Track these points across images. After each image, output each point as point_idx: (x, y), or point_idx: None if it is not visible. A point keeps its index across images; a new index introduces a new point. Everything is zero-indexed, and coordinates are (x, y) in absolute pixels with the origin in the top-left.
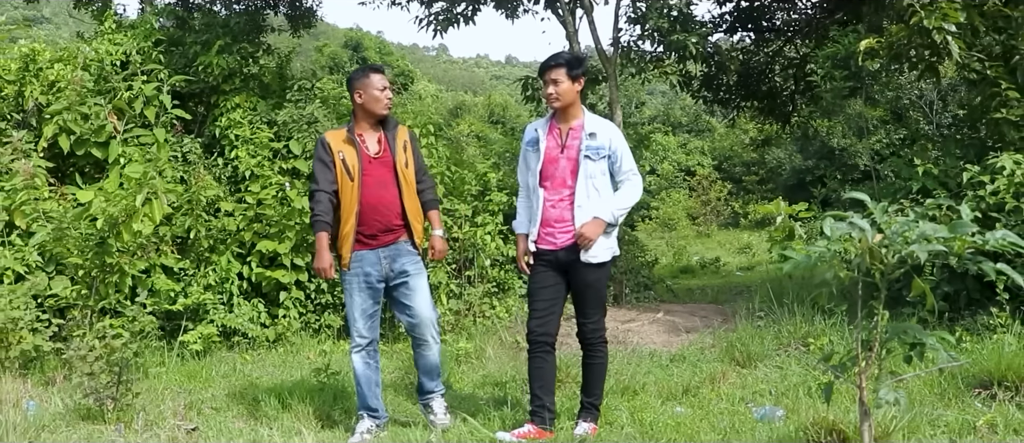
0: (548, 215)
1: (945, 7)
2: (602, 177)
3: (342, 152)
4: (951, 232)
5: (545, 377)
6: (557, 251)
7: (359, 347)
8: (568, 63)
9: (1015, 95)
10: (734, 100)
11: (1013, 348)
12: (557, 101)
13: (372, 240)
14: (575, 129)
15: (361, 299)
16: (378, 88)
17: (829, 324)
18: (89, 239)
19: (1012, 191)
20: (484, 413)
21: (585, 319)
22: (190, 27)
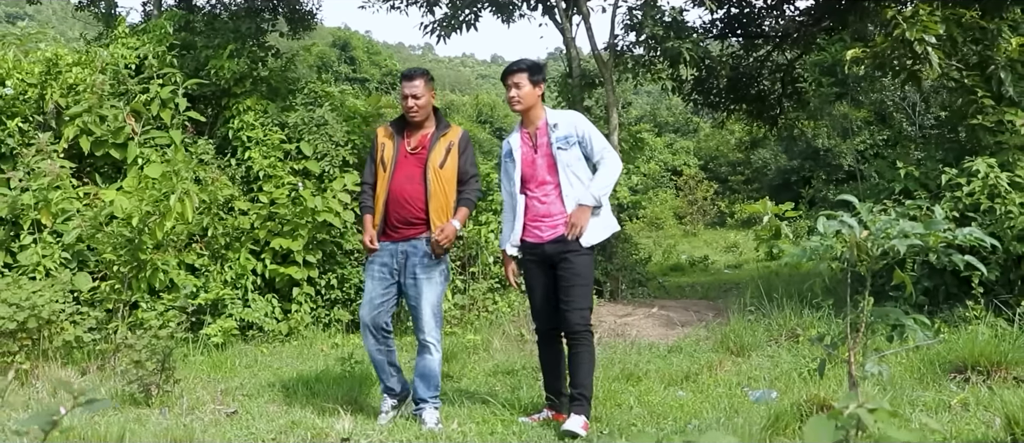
0: (535, 211)
1: (926, 20)
2: (578, 163)
3: (384, 145)
4: (927, 229)
5: (555, 365)
6: (543, 244)
7: (367, 333)
8: (529, 68)
9: (990, 102)
10: (724, 103)
11: (986, 337)
12: (519, 103)
13: (394, 232)
14: (541, 128)
15: (373, 286)
16: (402, 94)
17: (817, 317)
18: (124, 236)
19: (986, 192)
20: (499, 398)
21: (569, 308)
22: (200, 31)
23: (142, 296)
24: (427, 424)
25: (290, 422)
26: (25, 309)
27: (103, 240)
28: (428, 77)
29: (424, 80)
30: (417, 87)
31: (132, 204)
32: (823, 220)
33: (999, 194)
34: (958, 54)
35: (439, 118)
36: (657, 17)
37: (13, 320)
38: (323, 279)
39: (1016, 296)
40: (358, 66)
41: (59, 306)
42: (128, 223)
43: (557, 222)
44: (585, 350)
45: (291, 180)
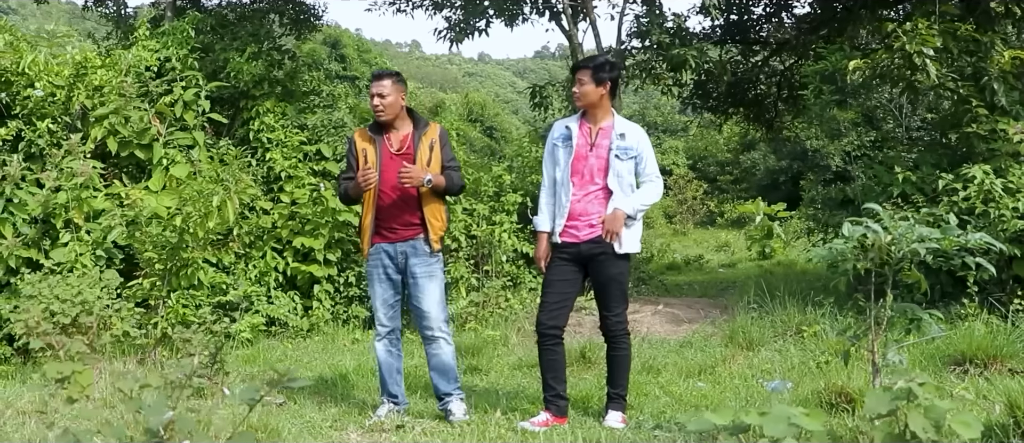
0: (573, 209)
1: (924, 33)
2: (629, 176)
3: (365, 148)
4: (943, 234)
5: (557, 367)
6: (579, 244)
7: (380, 335)
8: (594, 67)
9: (984, 112)
10: (722, 106)
11: (981, 333)
12: (579, 100)
13: (391, 233)
14: (605, 129)
15: (381, 289)
16: (370, 93)
17: (820, 314)
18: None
19: (981, 197)
20: (525, 395)
21: (608, 312)
22: (219, 34)
23: (182, 293)
24: (456, 416)
25: (341, 411)
26: (77, 304)
27: (143, 239)
28: (396, 77)
29: (392, 80)
30: (385, 86)
31: (175, 204)
32: (848, 225)
33: (993, 199)
34: (953, 65)
35: (416, 118)
36: (663, 25)
37: (67, 315)
38: (342, 276)
39: (1008, 295)
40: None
41: (106, 302)
42: (172, 222)
43: (594, 221)
44: (624, 352)
45: (312, 181)
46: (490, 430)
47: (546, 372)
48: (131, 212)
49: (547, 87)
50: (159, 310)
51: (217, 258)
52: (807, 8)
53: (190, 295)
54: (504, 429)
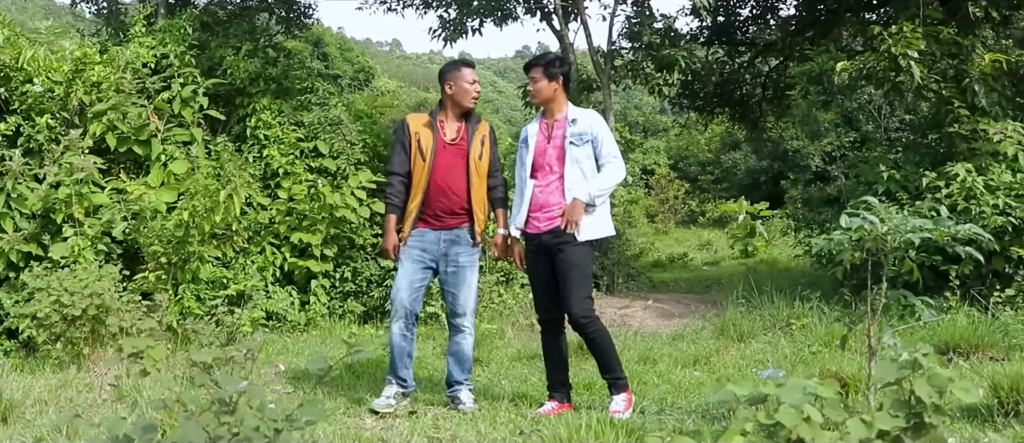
0: (535, 201)
1: (909, 36)
2: (588, 161)
3: (419, 134)
4: (935, 225)
5: (557, 355)
6: (540, 235)
7: (398, 316)
8: (545, 64)
9: (965, 112)
10: (709, 107)
11: (963, 324)
12: (534, 97)
13: (436, 221)
14: (560, 121)
15: (412, 269)
16: (468, 81)
17: (807, 308)
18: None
19: (963, 194)
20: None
21: (570, 300)
22: (215, 31)
23: (188, 286)
24: (465, 404)
25: (354, 400)
26: (87, 297)
27: (148, 233)
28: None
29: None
30: (475, 77)
31: (183, 200)
32: (845, 217)
33: (974, 196)
34: (936, 67)
35: (470, 111)
36: (652, 26)
37: (78, 307)
38: (338, 272)
39: (988, 288)
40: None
41: (115, 294)
42: (179, 216)
43: (553, 213)
44: (598, 338)
45: (309, 178)
46: (500, 416)
47: (547, 361)
48: (134, 207)
49: None
50: (164, 303)
51: (222, 252)
52: (792, 10)
53: (193, 289)
54: (514, 415)
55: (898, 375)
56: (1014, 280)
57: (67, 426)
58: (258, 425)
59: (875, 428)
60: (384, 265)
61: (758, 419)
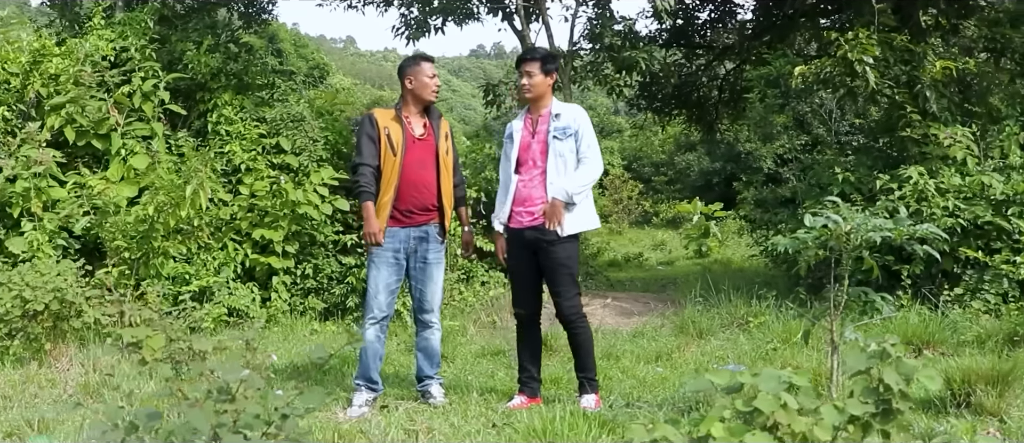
0: (518, 195)
1: (865, 42)
2: (570, 155)
3: (388, 129)
4: (896, 225)
5: (532, 350)
6: (523, 230)
7: (375, 319)
8: (543, 58)
9: (917, 117)
10: (667, 108)
11: (915, 321)
12: (529, 92)
13: (406, 218)
14: (544, 115)
15: (387, 273)
16: (428, 75)
17: (764, 306)
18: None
19: (916, 196)
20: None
21: (559, 297)
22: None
23: (151, 282)
24: (436, 398)
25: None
26: (49, 292)
27: (111, 228)
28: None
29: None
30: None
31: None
32: (809, 216)
33: (926, 198)
34: (889, 73)
35: (432, 105)
36: (613, 28)
37: (41, 302)
38: (299, 268)
39: (937, 288)
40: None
41: (79, 289)
42: (144, 211)
43: (535, 208)
44: (582, 335)
45: (271, 174)
46: (471, 410)
47: (521, 354)
48: (97, 201)
49: (499, 85)
50: (127, 298)
51: (187, 247)
52: (749, 15)
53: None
54: (485, 409)
55: (868, 363)
56: (962, 279)
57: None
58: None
59: (847, 413)
60: (344, 262)
61: (735, 407)
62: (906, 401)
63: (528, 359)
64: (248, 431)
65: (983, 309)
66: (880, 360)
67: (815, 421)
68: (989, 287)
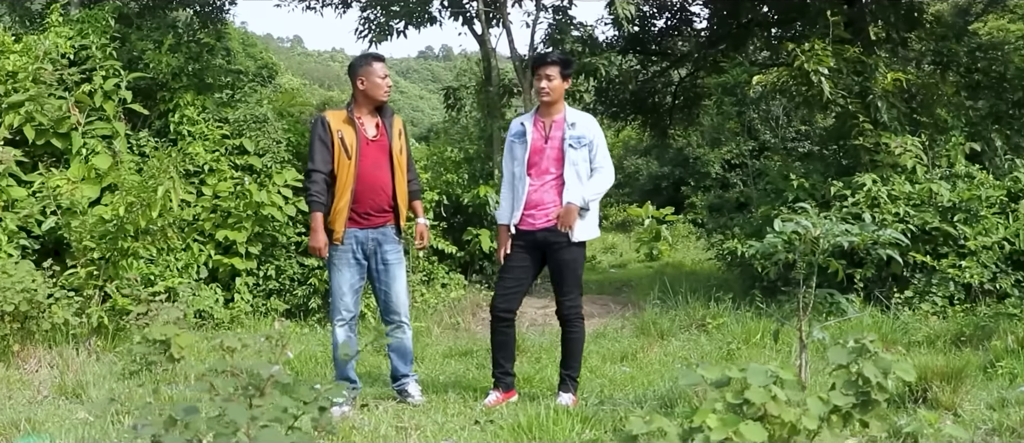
0: (530, 199)
1: (820, 53)
2: (584, 164)
3: (341, 131)
4: (861, 230)
5: (507, 347)
6: (535, 232)
7: (343, 321)
8: (562, 63)
9: (869, 127)
10: (623, 113)
11: (869, 323)
12: (548, 95)
13: (364, 219)
14: (558, 122)
15: (350, 274)
16: (379, 76)
17: (722, 308)
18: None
19: (868, 203)
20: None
21: (563, 296)
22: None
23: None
24: (414, 397)
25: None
26: (19, 293)
27: (79, 228)
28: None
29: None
30: (387, 69)
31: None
32: (779, 221)
33: (878, 205)
34: (842, 83)
35: (385, 104)
36: (573, 34)
37: (10, 303)
38: (261, 270)
39: (888, 291)
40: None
41: (48, 290)
42: (115, 212)
43: (549, 210)
44: (578, 335)
45: (235, 175)
46: (450, 407)
47: (497, 351)
48: (64, 201)
49: (460, 89)
50: (94, 299)
51: (156, 248)
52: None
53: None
54: (463, 406)
55: (849, 358)
56: (911, 283)
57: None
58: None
59: (831, 404)
60: (307, 264)
61: (726, 399)
62: (883, 393)
63: (503, 356)
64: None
65: (931, 311)
66: (859, 355)
67: (803, 411)
68: (937, 290)
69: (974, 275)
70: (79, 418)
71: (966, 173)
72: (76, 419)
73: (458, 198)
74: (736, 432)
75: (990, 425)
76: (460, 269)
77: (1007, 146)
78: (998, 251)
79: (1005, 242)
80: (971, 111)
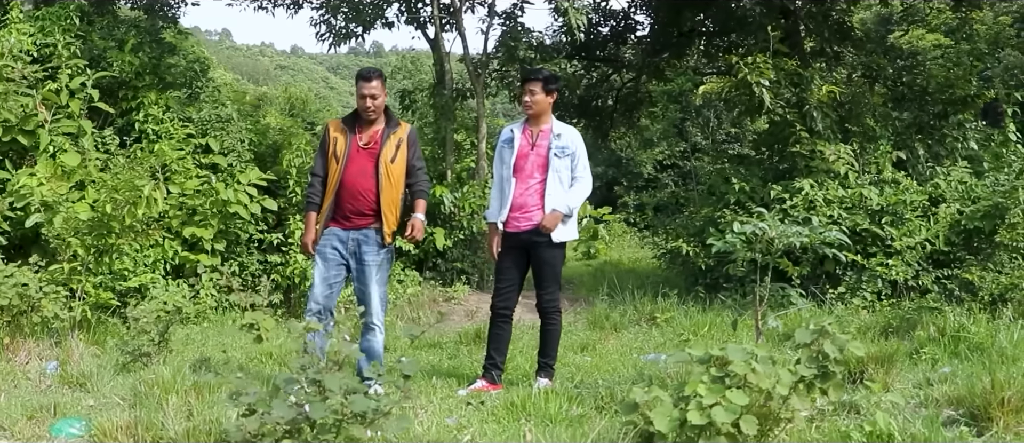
0: (516, 202)
1: (762, 66)
2: (566, 172)
3: (337, 139)
4: (811, 232)
5: (502, 342)
6: (520, 234)
7: (311, 311)
8: (545, 79)
9: (805, 135)
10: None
11: (805, 318)
12: (531, 108)
13: (345, 221)
14: (544, 132)
15: (325, 267)
16: (360, 94)
17: (669, 303)
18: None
19: (805, 205)
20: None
21: (542, 291)
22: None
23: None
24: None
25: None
26: (11, 288)
27: (63, 225)
28: (383, 77)
29: (380, 81)
30: (375, 88)
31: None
32: (737, 223)
33: (814, 207)
34: (781, 94)
35: (389, 116)
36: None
37: (5, 297)
38: (226, 266)
39: (822, 287)
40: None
41: (39, 285)
42: (103, 209)
43: (532, 214)
44: (555, 327)
45: (200, 173)
46: (438, 392)
47: (492, 344)
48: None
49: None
50: (77, 294)
51: (141, 244)
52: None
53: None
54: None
55: (811, 338)
56: (843, 280)
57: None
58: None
59: (798, 375)
60: (269, 260)
61: (711, 373)
62: (839, 366)
63: (496, 349)
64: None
65: (862, 305)
66: (820, 335)
67: (776, 380)
68: (866, 286)
69: (900, 272)
70: (89, 405)
71: (892, 179)
72: (86, 406)
73: None
74: (724, 397)
75: (918, 400)
76: (415, 266)
77: (928, 155)
78: (920, 251)
79: (927, 242)
80: (897, 121)
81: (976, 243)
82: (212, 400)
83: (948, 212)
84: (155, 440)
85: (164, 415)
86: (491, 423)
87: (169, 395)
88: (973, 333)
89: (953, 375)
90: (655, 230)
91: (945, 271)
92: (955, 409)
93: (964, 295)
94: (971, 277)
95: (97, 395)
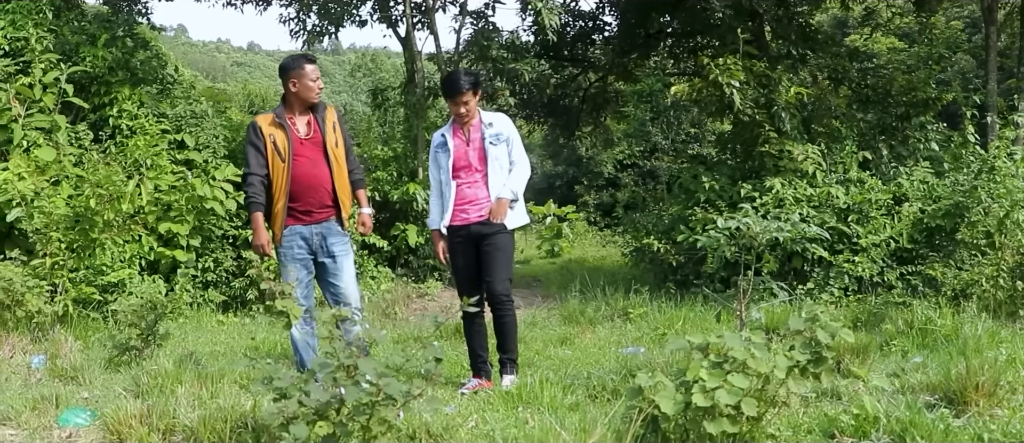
0: (462, 196)
1: (733, 68)
2: (504, 158)
3: (272, 135)
4: (792, 227)
5: (480, 336)
6: (470, 225)
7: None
8: (473, 85)
9: (774, 136)
10: (537, 115)
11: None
12: (467, 118)
13: (306, 216)
14: (475, 125)
15: (295, 270)
16: (311, 78)
17: (640, 299)
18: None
19: (774, 204)
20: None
21: (492, 280)
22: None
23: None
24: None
25: None
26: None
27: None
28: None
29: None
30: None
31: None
32: (722, 219)
33: (783, 205)
34: (750, 95)
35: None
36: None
37: None
38: (200, 262)
39: (790, 282)
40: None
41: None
42: (86, 203)
43: (482, 205)
44: (509, 318)
45: (176, 169)
46: None
47: (473, 341)
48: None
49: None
50: (59, 289)
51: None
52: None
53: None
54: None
55: (804, 325)
56: (811, 276)
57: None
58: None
59: (793, 360)
60: (244, 256)
61: (710, 359)
62: (831, 352)
63: (478, 345)
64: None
65: (830, 301)
66: (812, 323)
67: (773, 365)
68: (834, 282)
69: (866, 269)
70: (84, 398)
71: (858, 179)
72: (82, 398)
73: (387, 195)
74: (726, 381)
75: (893, 388)
76: (387, 263)
77: (892, 155)
78: (885, 248)
79: (891, 240)
80: (862, 123)
81: (938, 240)
82: (215, 390)
83: (911, 211)
84: (169, 428)
85: (176, 404)
86: (489, 412)
87: (176, 386)
88: (940, 326)
89: (924, 365)
90: (624, 228)
91: (909, 268)
92: (931, 395)
93: (928, 290)
94: (934, 273)
95: (90, 388)
